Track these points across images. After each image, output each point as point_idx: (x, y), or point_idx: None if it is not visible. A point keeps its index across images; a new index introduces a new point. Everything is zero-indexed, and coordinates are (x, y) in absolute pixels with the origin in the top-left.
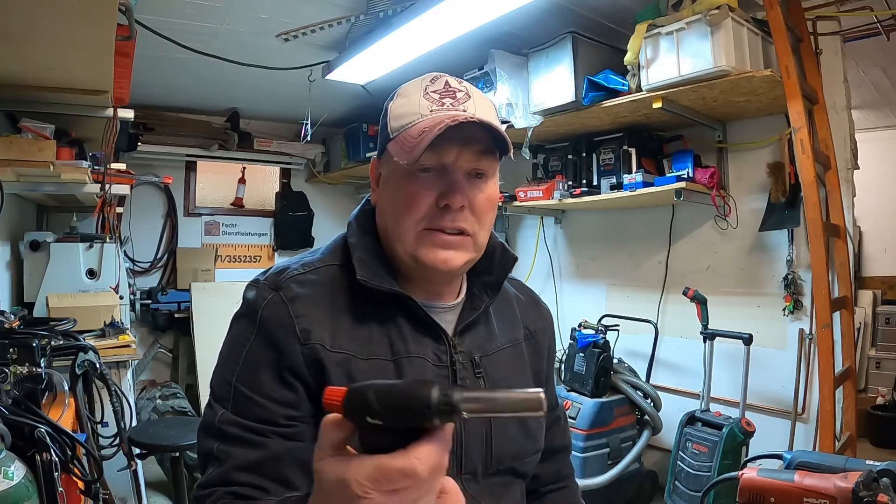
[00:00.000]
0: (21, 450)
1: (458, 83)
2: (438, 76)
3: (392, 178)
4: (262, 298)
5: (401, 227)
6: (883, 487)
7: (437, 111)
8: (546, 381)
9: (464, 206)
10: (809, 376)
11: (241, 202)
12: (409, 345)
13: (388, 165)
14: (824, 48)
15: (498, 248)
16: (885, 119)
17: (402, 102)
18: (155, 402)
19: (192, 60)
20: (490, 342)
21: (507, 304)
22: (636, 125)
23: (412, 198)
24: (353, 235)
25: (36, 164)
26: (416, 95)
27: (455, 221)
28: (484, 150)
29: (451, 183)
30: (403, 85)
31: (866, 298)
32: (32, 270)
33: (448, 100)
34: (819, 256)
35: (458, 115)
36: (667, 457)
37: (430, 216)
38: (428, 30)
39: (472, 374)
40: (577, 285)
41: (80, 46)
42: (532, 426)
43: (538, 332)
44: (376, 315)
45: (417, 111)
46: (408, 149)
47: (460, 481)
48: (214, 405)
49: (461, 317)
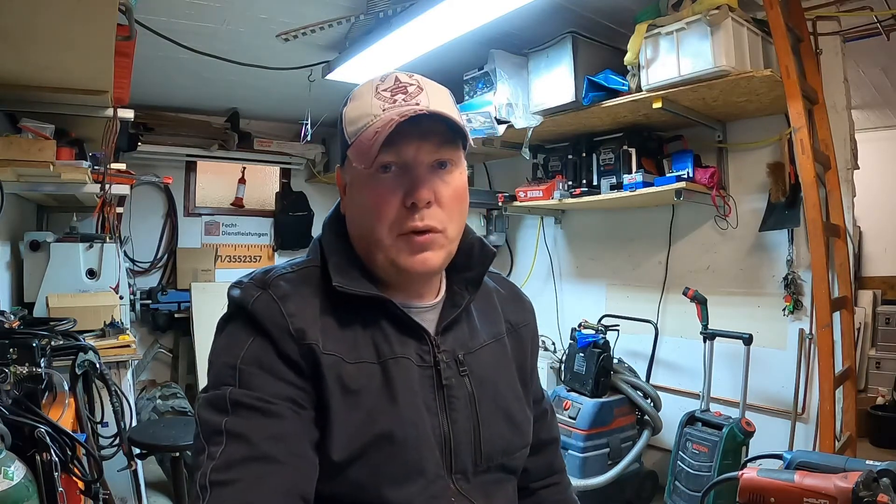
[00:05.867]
0: (21, 450)
1: (408, 77)
2: (388, 73)
3: (356, 184)
4: (249, 297)
5: (375, 235)
6: (883, 487)
7: (390, 109)
8: (530, 374)
9: (430, 201)
10: (809, 376)
11: (241, 202)
12: (395, 347)
13: (351, 172)
14: (824, 48)
15: (476, 244)
16: (885, 119)
17: (355, 105)
18: (155, 402)
19: (192, 60)
20: (473, 339)
21: (487, 299)
22: (636, 125)
23: (378, 202)
24: (326, 240)
25: (36, 164)
26: (368, 96)
27: (424, 220)
28: (443, 141)
29: (413, 179)
30: (356, 88)
31: (866, 298)
32: (32, 270)
33: (400, 95)
34: (819, 256)
35: (408, 111)
36: (667, 457)
37: (399, 219)
38: (428, 30)
39: (457, 373)
40: (577, 285)
41: (79, 46)
42: (519, 420)
43: (520, 326)
44: (359, 318)
45: (370, 112)
46: (364, 152)
47: (451, 481)
48: (218, 385)
49: (442, 315)
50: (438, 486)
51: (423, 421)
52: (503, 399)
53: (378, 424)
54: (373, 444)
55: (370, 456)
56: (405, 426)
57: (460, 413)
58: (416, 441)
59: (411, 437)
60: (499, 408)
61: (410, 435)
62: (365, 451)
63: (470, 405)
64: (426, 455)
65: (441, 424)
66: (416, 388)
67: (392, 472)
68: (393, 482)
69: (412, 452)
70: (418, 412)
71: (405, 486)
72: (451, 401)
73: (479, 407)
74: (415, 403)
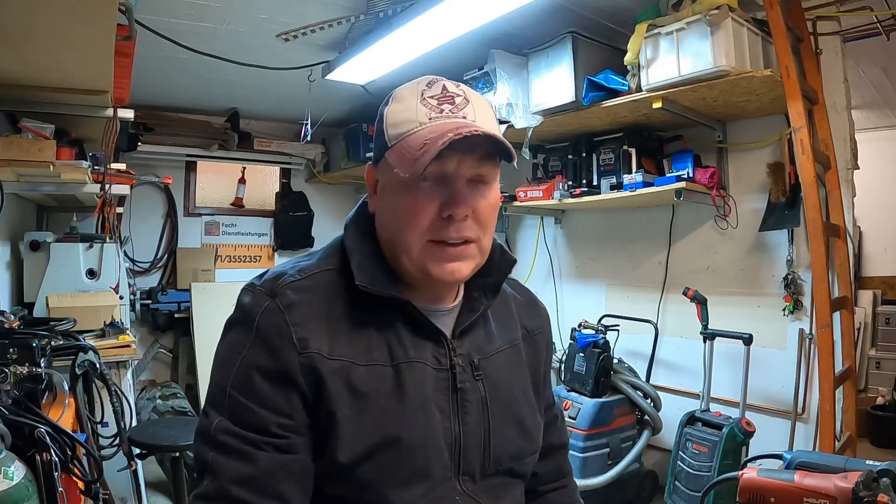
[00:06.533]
0: (21, 450)
1: (455, 87)
2: (435, 80)
3: (391, 187)
4: (258, 305)
5: (405, 239)
6: (883, 487)
7: (437, 119)
8: (543, 381)
9: (467, 215)
10: (809, 376)
11: (241, 202)
12: (409, 350)
13: (386, 174)
14: (824, 48)
15: (497, 250)
16: (885, 119)
17: (398, 108)
18: (155, 402)
19: (192, 60)
20: (489, 344)
21: (504, 305)
22: (636, 125)
23: (414, 209)
24: (350, 239)
25: (36, 164)
26: (413, 100)
27: (459, 231)
28: (485, 156)
29: (453, 193)
30: (398, 88)
31: (866, 298)
32: (32, 270)
33: (447, 105)
34: (819, 256)
35: (460, 126)
36: (667, 457)
37: (433, 227)
38: (428, 30)
39: (472, 377)
40: (577, 285)
41: (79, 46)
42: (530, 427)
43: (536, 332)
44: (374, 320)
45: (416, 118)
46: (409, 160)
47: (458, 482)
48: (210, 412)
49: (459, 319)
50: (444, 488)
51: (433, 425)
52: (516, 404)
53: (386, 428)
54: (380, 447)
55: (377, 458)
56: (413, 431)
57: (472, 417)
58: (423, 445)
59: (419, 442)
60: (510, 413)
61: (418, 439)
62: (372, 453)
63: (482, 409)
64: (433, 459)
65: (452, 427)
66: (429, 392)
67: (397, 474)
68: (397, 485)
69: (419, 456)
70: (428, 416)
71: (409, 488)
72: (465, 404)
73: (492, 411)
74: (425, 407)
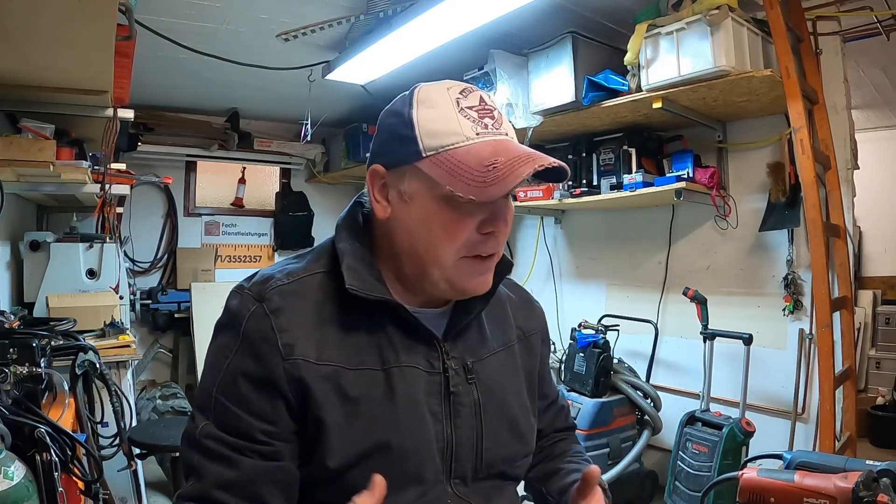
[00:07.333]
0: (21, 450)
1: (489, 99)
2: (469, 89)
3: (423, 199)
4: (245, 310)
5: (438, 253)
6: (883, 487)
7: (485, 135)
8: (541, 379)
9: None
10: (809, 376)
11: (241, 202)
12: (400, 355)
13: (416, 184)
14: (824, 48)
15: None
16: (885, 119)
17: (433, 116)
18: (155, 402)
19: (192, 60)
20: (482, 347)
21: (499, 306)
22: (636, 125)
23: (457, 226)
24: (342, 241)
25: (36, 164)
26: (450, 109)
27: (496, 247)
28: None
29: (496, 211)
30: (423, 91)
31: (866, 298)
32: (32, 270)
33: (488, 119)
34: (819, 256)
35: (531, 156)
36: (667, 457)
37: (470, 243)
38: (428, 30)
39: (465, 380)
40: (577, 285)
41: (79, 46)
42: (523, 429)
43: (531, 333)
44: (365, 323)
45: (460, 131)
46: (469, 180)
47: (450, 485)
48: (197, 415)
49: (452, 321)
50: (436, 492)
51: (425, 429)
52: (509, 408)
53: (376, 433)
54: (370, 452)
55: (367, 464)
56: (404, 436)
57: (465, 420)
58: (414, 451)
59: (410, 446)
60: (503, 416)
61: (409, 444)
62: (362, 458)
63: (475, 413)
64: (425, 463)
65: (444, 430)
66: (421, 396)
67: (389, 479)
68: (389, 489)
69: (411, 461)
70: (420, 421)
71: (401, 493)
72: (457, 408)
73: (484, 415)
74: (417, 411)
